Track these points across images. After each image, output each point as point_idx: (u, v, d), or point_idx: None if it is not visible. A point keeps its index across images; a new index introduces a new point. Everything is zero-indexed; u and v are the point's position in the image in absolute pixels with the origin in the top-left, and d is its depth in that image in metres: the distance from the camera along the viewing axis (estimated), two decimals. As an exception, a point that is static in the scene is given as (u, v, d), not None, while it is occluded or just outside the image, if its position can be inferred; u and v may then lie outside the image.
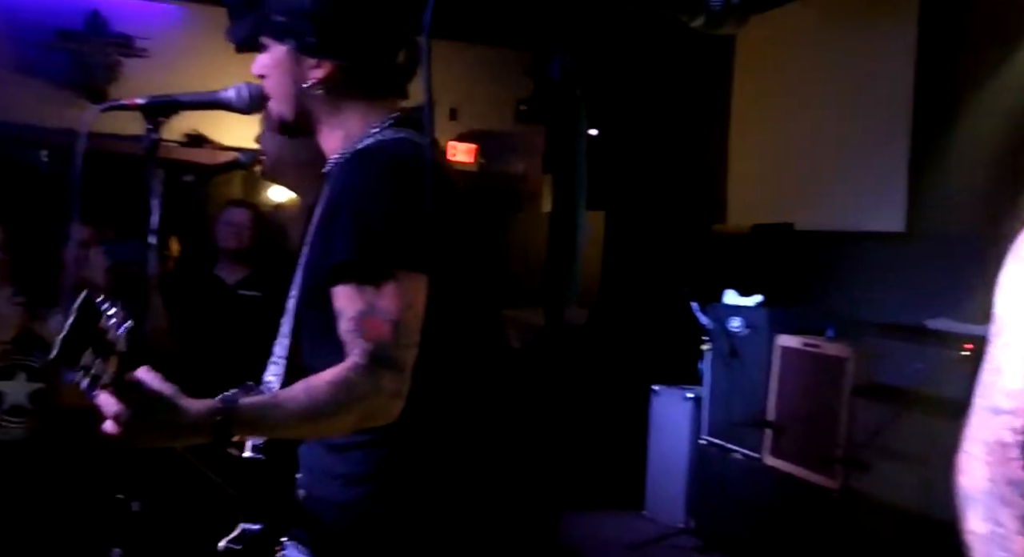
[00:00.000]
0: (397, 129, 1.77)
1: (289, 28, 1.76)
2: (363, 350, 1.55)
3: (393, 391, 1.55)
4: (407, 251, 1.59)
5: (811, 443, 4.57)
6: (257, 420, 1.53)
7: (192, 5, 6.58)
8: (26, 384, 3.17)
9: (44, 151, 6.70)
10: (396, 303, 1.57)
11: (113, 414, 1.49)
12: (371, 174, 1.65)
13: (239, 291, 4.24)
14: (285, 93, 1.81)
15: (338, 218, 1.62)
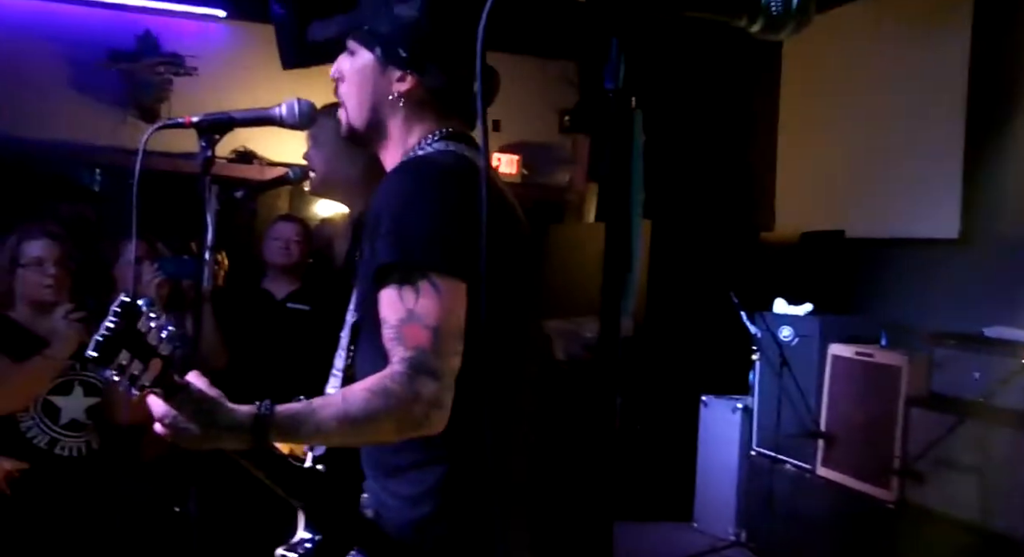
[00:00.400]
0: (446, 142, 1.76)
1: (382, 37, 1.76)
2: (402, 357, 1.55)
3: (432, 399, 1.54)
4: (446, 257, 1.58)
5: (865, 454, 4.50)
6: (295, 425, 1.54)
7: (240, 23, 6.67)
8: (83, 399, 3.21)
9: (97, 169, 6.83)
10: (436, 310, 1.56)
11: (160, 415, 1.55)
12: (412, 181, 1.66)
13: (288, 305, 4.27)
14: (362, 101, 1.81)
15: (380, 225, 1.62)
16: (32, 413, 3.11)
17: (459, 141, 1.77)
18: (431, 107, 1.78)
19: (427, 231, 1.60)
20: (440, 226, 1.60)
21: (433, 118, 1.78)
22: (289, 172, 3.28)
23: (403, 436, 1.58)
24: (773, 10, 1.03)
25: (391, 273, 1.59)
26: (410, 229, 1.60)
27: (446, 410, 1.55)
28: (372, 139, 1.83)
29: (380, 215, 1.63)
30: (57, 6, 6.33)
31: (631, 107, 0.97)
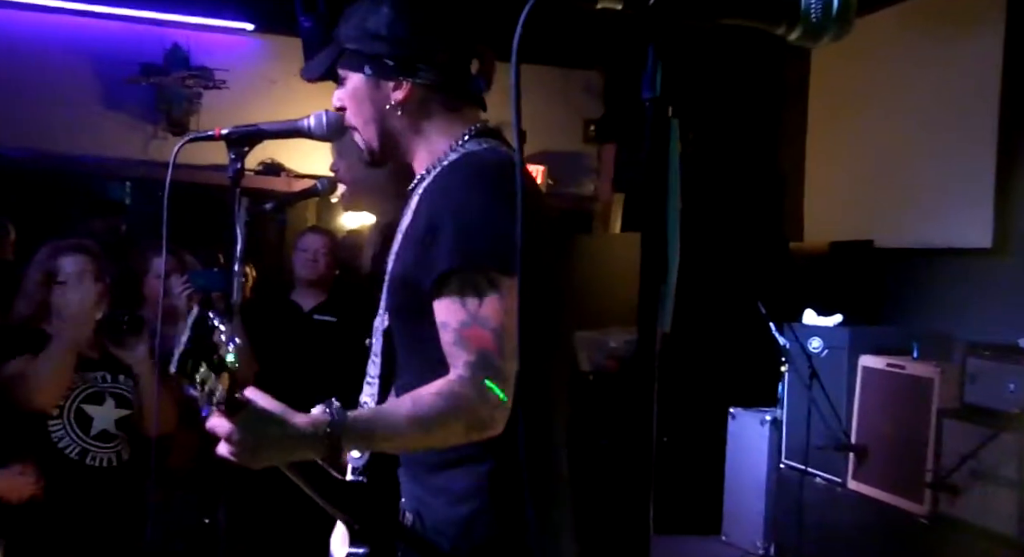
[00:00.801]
0: (480, 140, 1.78)
1: (365, 55, 1.78)
2: (467, 361, 1.56)
3: (498, 402, 1.55)
4: (507, 258, 1.58)
5: (897, 466, 4.44)
6: (367, 432, 1.54)
7: (267, 36, 6.72)
8: (114, 410, 3.23)
9: (127, 183, 6.89)
10: (498, 311, 1.57)
11: (225, 435, 1.50)
12: (466, 184, 1.66)
13: (315, 316, 4.29)
14: (367, 120, 1.82)
15: (437, 231, 1.62)
16: (64, 422, 3.13)
17: (490, 137, 1.80)
18: (435, 104, 1.79)
19: (485, 233, 1.60)
20: (496, 226, 1.60)
21: (444, 113, 1.80)
22: (317, 184, 3.30)
23: (471, 438, 1.58)
24: (813, 17, 1.02)
25: (452, 278, 1.60)
26: (469, 233, 1.60)
27: (508, 410, 1.56)
28: (393, 154, 1.85)
29: (434, 221, 1.64)
30: (86, 20, 6.40)
31: (668, 115, 0.96)
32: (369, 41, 1.77)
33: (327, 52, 1.85)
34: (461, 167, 1.72)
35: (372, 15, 1.77)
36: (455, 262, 1.59)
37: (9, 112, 6.24)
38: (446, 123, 1.80)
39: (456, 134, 1.79)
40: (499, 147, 1.78)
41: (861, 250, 5.45)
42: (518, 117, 0.96)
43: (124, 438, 3.24)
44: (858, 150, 5.81)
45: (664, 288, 0.97)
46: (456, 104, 1.81)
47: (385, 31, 1.75)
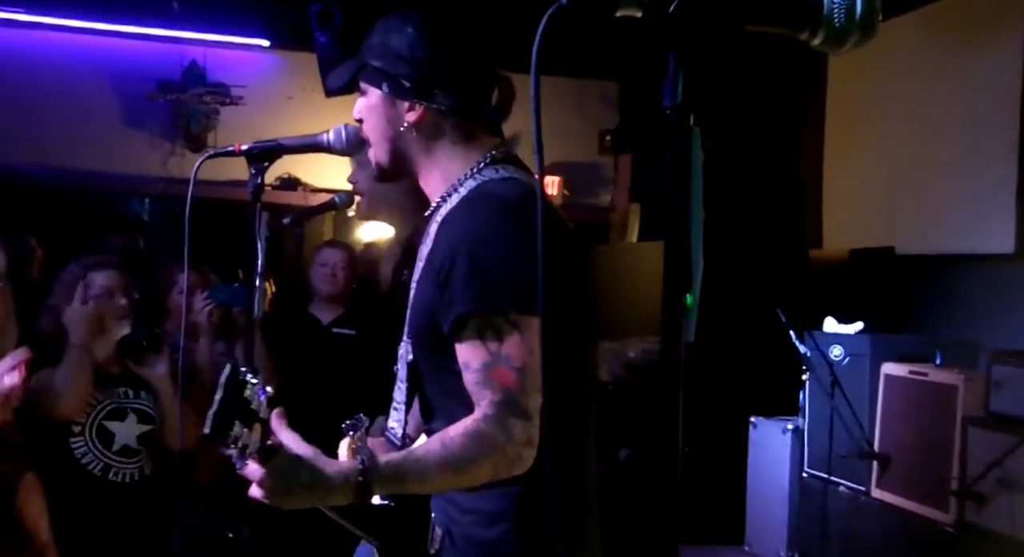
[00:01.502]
0: (496, 167, 1.77)
1: (384, 72, 1.78)
2: (491, 401, 1.58)
3: (524, 439, 1.57)
4: (525, 297, 1.59)
5: (921, 475, 4.40)
6: (397, 478, 1.57)
7: (283, 52, 6.76)
8: (136, 426, 3.24)
9: (146, 199, 6.94)
10: (520, 350, 1.58)
11: (258, 480, 1.53)
12: (482, 221, 1.66)
13: (333, 330, 4.29)
14: (381, 136, 1.83)
15: (455, 269, 1.62)
16: (86, 438, 3.14)
17: (506, 163, 1.78)
18: (449, 129, 1.79)
19: (504, 272, 1.60)
20: (515, 264, 1.60)
21: (457, 138, 1.79)
22: (335, 197, 3.31)
23: (497, 477, 1.60)
24: (836, 22, 1.01)
25: (471, 320, 1.61)
26: (486, 273, 1.61)
27: (535, 448, 1.59)
28: (402, 172, 1.85)
29: (450, 258, 1.64)
30: (105, 39, 6.46)
31: (690, 123, 0.96)
32: (390, 59, 1.77)
33: (351, 63, 1.85)
34: (477, 201, 1.71)
35: (396, 33, 1.77)
36: (473, 305, 1.60)
37: (30, 130, 6.30)
38: (461, 149, 1.79)
39: (471, 160, 1.78)
40: (517, 173, 1.76)
41: (882, 257, 5.42)
42: (538, 129, 0.95)
43: (146, 453, 3.26)
44: (877, 157, 5.78)
45: (688, 298, 0.97)
46: (471, 131, 1.80)
47: (406, 52, 1.76)
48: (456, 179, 1.78)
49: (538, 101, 0.97)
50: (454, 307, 1.61)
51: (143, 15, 6.28)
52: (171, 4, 6.00)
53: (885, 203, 5.69)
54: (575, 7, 0.96)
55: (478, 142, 1.80)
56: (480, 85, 1.80)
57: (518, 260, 1.59)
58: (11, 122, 6.27)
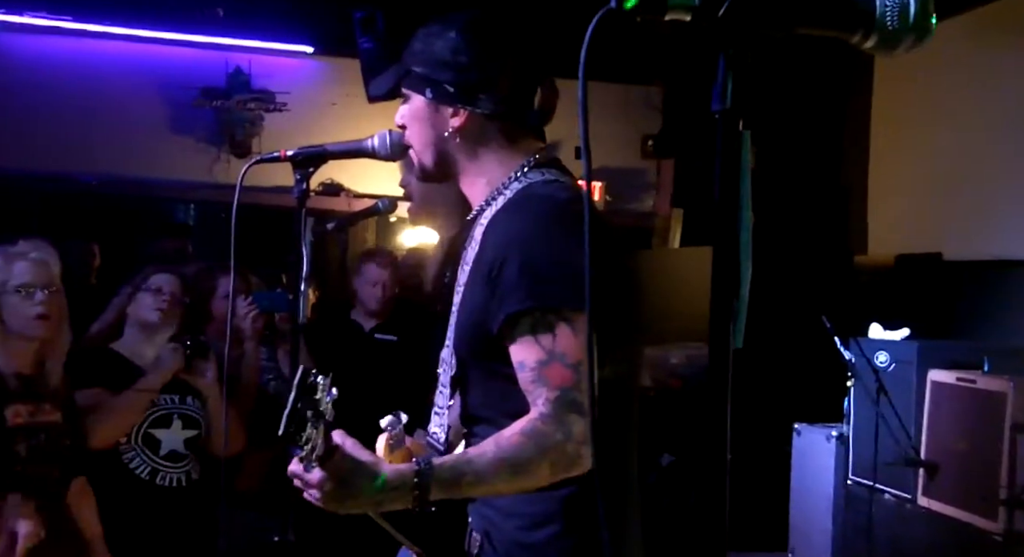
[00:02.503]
0: (540, 170, 1.77)
1: (428, 78, 1.79)
2: (548, 398, 1.56)
3: (583, 437, 1.55)
4: (577, 293, 1.57)
5: (969, 483, 4.33)
6: (454, 480, 1.54)
7: (327, 59, 6.82)
8: (182, 432, 3.28)
9: (192, 205, 7.02)
10: (575, 347, 1.57)
11: (317, 483, 1.51)
12: (531, 221, 1.66)
13: (376, 336, 4.31)
14: (425, 142, 1.84)
15: (505, 268, 1.62)
16: (133, 445, 3.18)
17: (549, 166, 1.79)
18: (493, 133, 1.79)
19: (555, 270, 1.59)
20: (566, 262, 1.59)
21: (501, 143, 1.80)
22: (378, 203, 3.33)
23: (557, 477, 1.58)
24: (889, 25, 0.99)
25: (523, 319, 1.60)
26: (537, 271, 1.60)
27: None
28: (445, 176, 1.86)
29: (500, 261, 1.64)
30: (151, 47, 6.55)
31: (739, 127, 0.95)
32: (433, 65, 1.78)
33: (394, 70, 1.86)
34: (524, 202, 1.71)
35: (439, 39, 1.78)
36: (525, 303, 1.59)
37: (78, 137, 6.41)
38: (505, 153, 1.80)
39: (515, 164, 1.78)
40: (561, 177, 1.77)
41: (929, 263, 5.35)
42: (586, 133, 0.95)
43: (194, 458, 3.29)
44: (924, 161, 5.71)
45: (737, 304, 0.96)
46: (515, 135, 1.80)
47: (449, 57, 1.76)
48: (500, 183, 1.78)
49: (586, 106, 0.97)
50: (505, 306, 1.61)
51: (189, 22, 6.36)
52: (216, 11, 6.07)
53: (932, 208, 5.62)
54: (624, 12, 0.96)
55: (522, 146, 1.81)
56: (523, 89, 1.80)
57: (568, 258, 1.58)
58: (60, 129, 6.37)
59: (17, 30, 6.38)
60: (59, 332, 2.89)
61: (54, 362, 2.89)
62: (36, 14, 6.29)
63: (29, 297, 2.80)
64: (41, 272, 2.85)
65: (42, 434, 2.80)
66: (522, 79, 1.80)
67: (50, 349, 2.88)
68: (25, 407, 2.77)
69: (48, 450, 2.80)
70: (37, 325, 2.80)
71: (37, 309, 2.79)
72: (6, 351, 2.80)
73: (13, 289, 2.79)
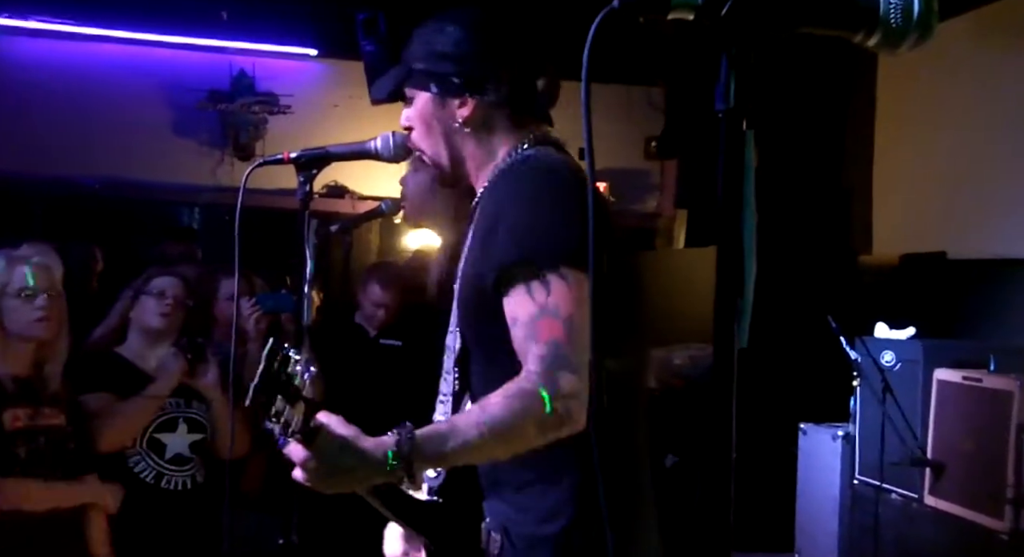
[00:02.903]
0: (537, 147, 1.79)
1: (432, 73, 1.79)
2: (536, 355, 1.53)
3: (570, 391, 1.50)
4: (572, 250, 1.56)
5: (976, 482, 4.33)
6: (440, 445, 1.50)
7: (331, 61, 6.82)
8: (187, 435, 3.28)
9: (196, 208, 7.03)
10: (568, 301, 1.54)
11: (301, 461, 1.50)
12: (526, 181, 1.67)
13: (380, 341, 4.30)
14: (436, 139, 1.84)
15: (500, 223, 1.62)
16: (138, 449, 3.18)
17: (547, 145, 1.80)
18: (501, 120, 1.80)
19: (549, 224, 1.59)
20: (559, 220, 1.59)
21: (508, 128, 1.80)
22: (382, 204, 3.34)
23: (547, 437, 1.53)
24: (892, 23, 0.99)
25: (516, 272, 1.58)
26: (532, 224, 1.59)
27: (585, 403, 1.51)
28: (461, 172, 1.85)
29: (495, 218, 1.64)
30: (155, 50, 6.56)
31: (742, 127, 0.95)
32: (436, 60, 1.78)
33: (395, 72, 1.87)
34: (520, 166, 1.73)
35: (439, 35, 1.79)
36: (519, 254, 1.58)
37: (82, 140, 6.42)
38: (513, 139, 1.80)
39: (516, 143, 1.80)
40: (557, 153, 1.77)
41: (934, 262, 5.34)
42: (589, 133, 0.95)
43: (199, 461, 3.29)
44: (927, 160, 5.70)
45: (741, 303, 0.96)
46: (521, 119, 1.81)
47: (452, 49, 1.77)
48: (502, 161, 1.80)
49: (588, 105, 0.96)
50: (501, 259, 1.59)
51: (193, 26, 6.37)
52: (220, 14, 6.08)
53: (936, 207, 5.61)
54: (627, 11, 0.95)
55: (527, 129, 1.82)
56: (527, 75, 1.81)
57: (563, 216, 1.58)
58: (63, 132, 6.39)
59: (21, 34, 6.39)
60: (58, 336, 2.90)
61: (53, 365, 2.90)
62: (40, 18, 6.31)
63: (30, 301, 2.81)
64: (43, 276, 2.85)
65: (41, 437, 2.80)
66: (525, 65, 1.81)
67: (49, 352, 2.89)
68: (24, 411, 2.78)
69: (49, 453, 2.80)
70: (36, 327, 2.81)
71: (38, 313, 2.80)
72: (4, 354, 2.80)
73: (14, 293, 2.80)
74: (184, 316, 3.31)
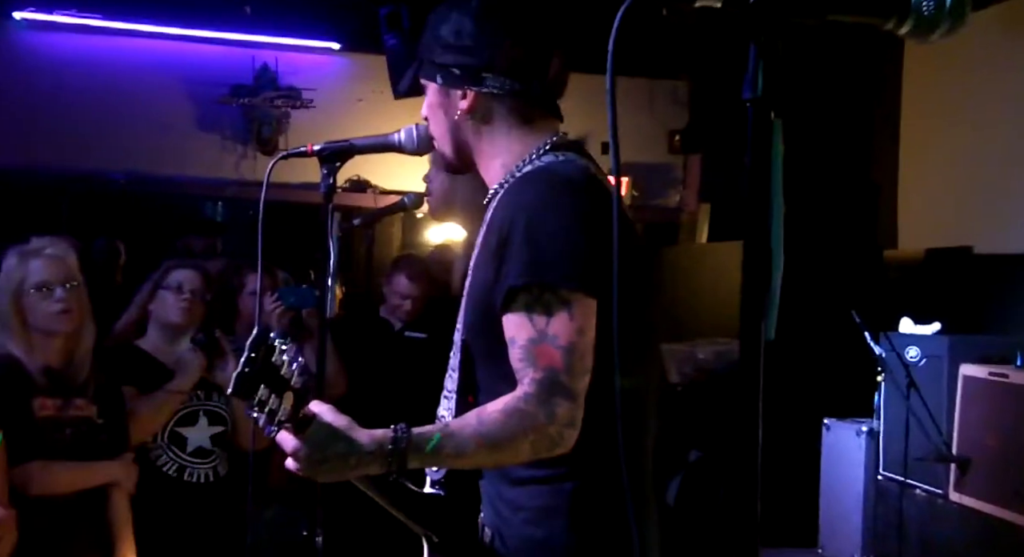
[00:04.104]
0: (557, 153, 1.74)
1: (437, 64, 1.78)
2: (533, 379, 1.54)
3: (567, 420, 1.53)
4: (578, 275, 1.56)
5: (1002, 478, 4.29)
6: (433, 449, 1.53)
7: (353, 55, 6.83)
8: (208, 428, 3.28)
9: (219, 202, 7.06)
10: (568, 329, 1.54)
11: (292, 450, 1.53)
12: (538, 196, 1.63)
13: (405, 333, 4.30)
14: (443, 130, 1.83)
15: (508, 244, 1.60)
16: (160, 442, 3.19)
17: (567, 149, 1.76)
18: (504, 113, 1.77)
19: (557, 248, 1.57)
20: (569, 241, 1.57)
21: (514, 123, 1.77)
22: (405, 198, 3.33)
23: (537, 456, 1.56)
24: (925, 10, 0.97)
25: (520, 294, 1.57)
26: (539, 247, 1.57)
27: (578, 429, 1.54)
28: (467, 163, 1.84)
29: (505, 233, 1.61)
30: (179, 45, 6.59)
31: (770, 117, 0.93)
32: (439, 50, 1.77)
33: (415, 63, 1.86)
34: (534, 179, 1.68)
35: (444, 23, 1.77)
36: (523, 278, 1.57)
37: (107, 134, 6.46)
38: (519, 134, 1.77)
39: (530, 146, 1.75)
40: (578, 159, 1.73)
41: (960, 257, 5.29)
42: (614, 125, 0.94)
43: (221, 454, 3.29)
44: (954, 154, 5.64)
45: (768, 296, 0.94)
46: (528, 114, 1.77)
47: (453, 40, 1.75)
48: (515, 165, 1.76)
49: (614, 97, 0.95)
50: (506, 280, 1.58)
51: (216, 20, 6.39)
52: (244, 9, 6.10)
53: (962, 202, 5.56)
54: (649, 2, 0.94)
55: (537, 126, 1.78)
56: (531, 65, 1.76)
57: (574, 237, 1.57)
58: (88, 126, 6.43)
59: (46, 28, 6.44)
60: (84, 326, 2.89)
61: (81, 356, 2.89)
62: (65, 12, 6.35)
63: (49, 295, 2.79)
64: (58, 268, 2.83)
65: (68, 429, 2.80)
66: (529, 55, 1.76)
67: (76, 343, 2.88)
68: (53, 401, 2.78)
69: (75, 445, 2.81)
70: (59, 320, 2.80)
71: (58, 305, 2.79)
72: (31, 347, 2.80)
73: (31, 288, 2.78)
74: (204, 309, 3.31)
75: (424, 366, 3.96)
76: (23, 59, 6.45)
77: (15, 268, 2.81)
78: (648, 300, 1.74)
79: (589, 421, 1.55)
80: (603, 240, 1.56)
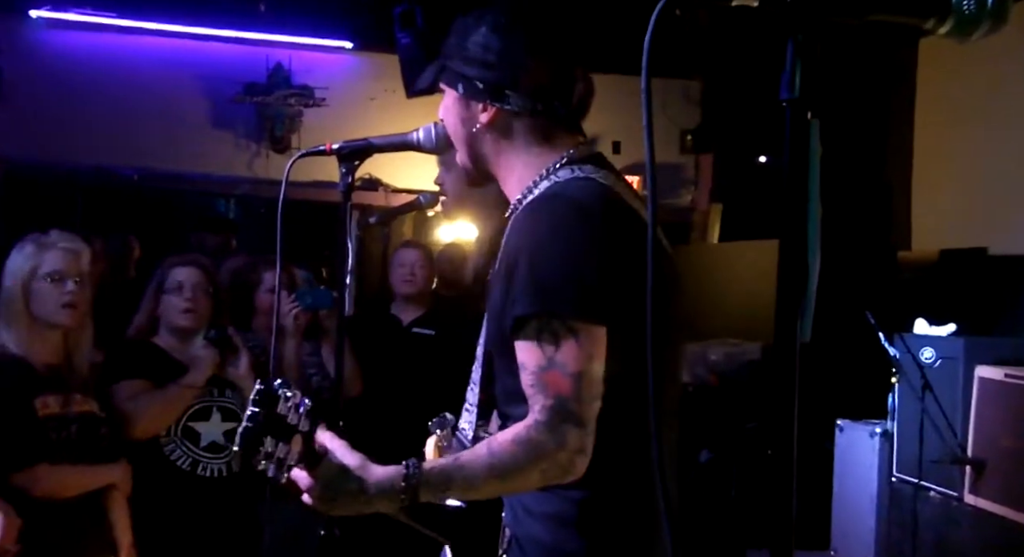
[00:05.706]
0: (572, 167, 1.72)
1: (459, 74, 1.77)
2: (544, 406, 1.54)
3: (577, 447, 1.54)
4: (585, 302, 1.55)
5: (1018, 481, 4.27)
6: (443, 484, 1.57)
7: (366, 54, 6.84)
8: (221, 424, 3.29)
9: (232, 199, 7.08)
10: (577, 356, 1.54)
11: (305, 487, 1.59)
12: (549, 223, 1.62)
13: (413, 330, 4.31)
14: (459, 138, 1.83)
15: (517, 270, 1.60)
16: (173, 437, 3.20)
17: (584, 163, 1.74)
18: (524, 131, 1.75)
19: (564, 277, 1.57)
20: (578, 270, 1.57)
21: (532, 140, 1.76)
22: (419, 197, 3.34)
23: (548, 483, 1.58)
24: (966, 10, 0.96)
25: (529, 323, 1.58)
26: (547, 276, 1.57)
27: (589, 456, 1.55)
28: (484, 173, 1.84)
29: (514, 259, 1.62)
30: (193, 42, 6.61)
31: (807, 117, 0.92)
32: (464, 61, 1.76)
33: (434, 65, 1.85)
34: (546, 201, 1.67)
35: (472, 34, 1.75)
36: (531, 307, 1.57)
37: (121, 132, 6.48)
38: (537, 150, 1.75)
39: (548, 161, 1.74)
40: (595, 174, 1.71)
41: (974, 258, 5.27)
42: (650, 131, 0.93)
43: (234, 449, 3.29)
44: (968, 155, 5.63)
45: (805, 296, 0.94)
46: (548, 131, 1.76)
47: (479, 53, 1.73)
48: (531, 181, 1.75)
49: (649, 100, 0.95)
50: (514, 308, 1.59)
51: (230, 18, 6.41)
52: (258, 7, 6.11)
53: (977, 204, 5.54)
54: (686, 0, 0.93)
55: (556, 142, 1.76)
56: (556, 85, 1.75)
57: (582, 264, 1.56)
58: (103, 124, 6.45)
59: (62, 26, 6.46)
60: (84, 323, 2.93)
61: (81, 353, 2.93)
62: (80, 10, 6.38)
63: (59, 285, 2.82)
64: (72, 261, 2.87)
65: (73, 425, 2.82)
66: (554, 74, 1.75)
67: (75, 340, 2.91)
68: (55, 398, 2.80)
69: (80, 440, 2.82)
70: (63, 313, 2.83)
71: (66, 297, 2.82)
72: (32, 340, 2.82)
73: (43, 276, 2.81)
74: (211, 302, 3.31)
75: (432, 362, 3.99)
76: (40, 57, 6.48)
77: (32, 255, 2.84)
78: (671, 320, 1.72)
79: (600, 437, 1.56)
80: (621, 263, 1.56)
